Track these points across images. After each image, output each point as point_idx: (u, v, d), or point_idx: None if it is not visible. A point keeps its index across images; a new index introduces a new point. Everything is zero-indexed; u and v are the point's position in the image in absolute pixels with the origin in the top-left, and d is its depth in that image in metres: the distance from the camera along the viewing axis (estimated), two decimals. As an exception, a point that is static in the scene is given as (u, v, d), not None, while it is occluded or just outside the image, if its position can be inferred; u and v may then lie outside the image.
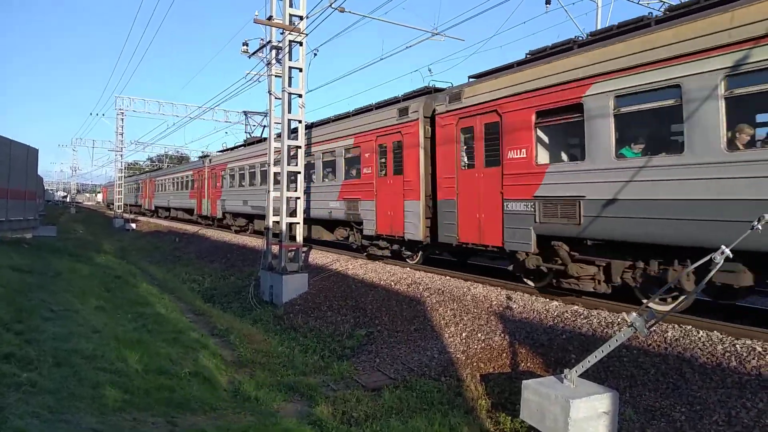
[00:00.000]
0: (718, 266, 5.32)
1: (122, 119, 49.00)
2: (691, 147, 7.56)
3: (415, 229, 13.24)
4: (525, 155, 10.13)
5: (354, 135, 16.00)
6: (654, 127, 9.29)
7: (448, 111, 12.22)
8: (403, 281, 12.77)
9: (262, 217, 16.87)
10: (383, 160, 14.69)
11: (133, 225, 44.84)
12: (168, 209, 46.56)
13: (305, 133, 15.92)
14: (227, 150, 31.47)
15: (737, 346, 6.67)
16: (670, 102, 7.87)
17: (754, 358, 6.33)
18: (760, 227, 5.32)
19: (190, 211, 37.59)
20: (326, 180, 17.84)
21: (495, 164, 10.85)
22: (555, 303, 9.53)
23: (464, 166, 11.85)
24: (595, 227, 8.83)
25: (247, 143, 27.84)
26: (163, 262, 25.95)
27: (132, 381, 5.92)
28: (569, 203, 9.20)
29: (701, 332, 7.25)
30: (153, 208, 52.26)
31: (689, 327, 7.49)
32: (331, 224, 18.50)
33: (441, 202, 12.43)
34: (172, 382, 6.37)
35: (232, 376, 7.88)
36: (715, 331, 7.25)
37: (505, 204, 10.52)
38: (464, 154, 11.89)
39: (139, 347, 7.31)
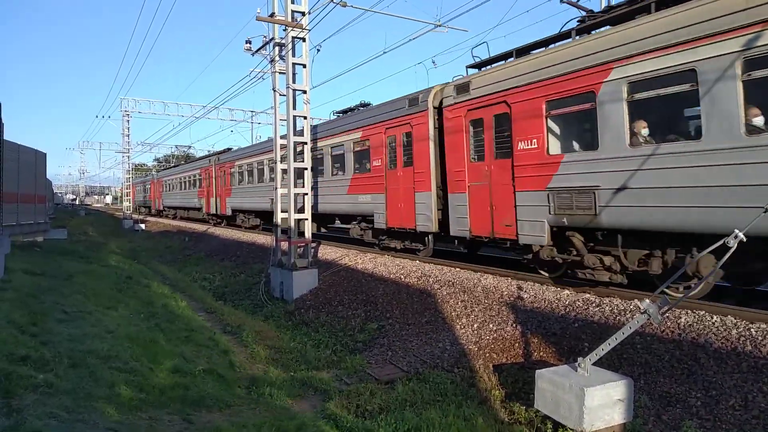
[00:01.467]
0: (731, 250, 5.28)
1: (128, 121, 49.22)
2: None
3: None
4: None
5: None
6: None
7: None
8: (412, 274, 12.77)
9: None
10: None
11: (143, 225, 45.09)
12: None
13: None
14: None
15: (752, 330, 6.61)
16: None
17: (769, 342, 6.28)
18: (774, 210, 5.28)
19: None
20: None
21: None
22: (566, 292, 9.49)
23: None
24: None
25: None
26: (173, 261, 26.09)
27: (147, 380, 5.97)
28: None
29: (715, 317, 7.19)
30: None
31: (702, 312, 7.43)
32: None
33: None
34: (186, 380, 6.41)
35: (246, 373, 7.92)
36: (729, 316, 7.19)
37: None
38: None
39: (153, 346, 7.37)
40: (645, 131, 8.55)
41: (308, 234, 15.61)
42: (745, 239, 5.27)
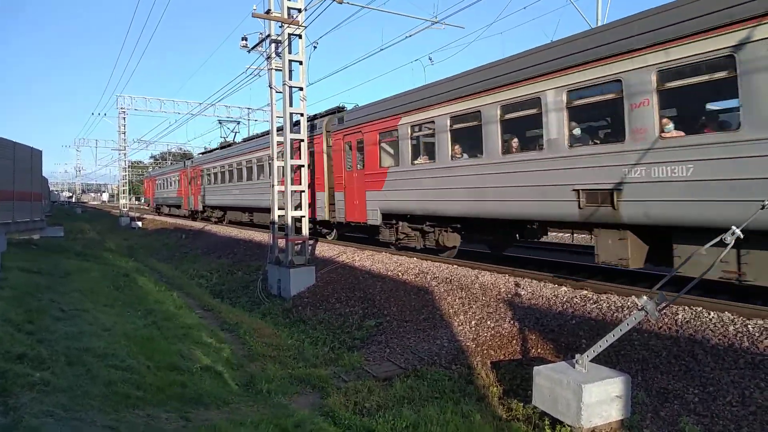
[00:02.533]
0: (728, 247, 5.29)
1: (124, 118, 49.09)
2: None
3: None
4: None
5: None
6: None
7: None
8: (410, 271, 12.77)
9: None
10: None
11: (139, 223, 45.00)
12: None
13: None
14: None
15: (749, 326, 6.63)
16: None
17: (766, 338, 6.29)
18: (770, 205, 5.29)
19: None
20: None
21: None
22: (564, 288, 9.50)
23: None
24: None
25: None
26: (170, 259, 26.04)
27: (144, 378, 5.95)
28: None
29: (712, 313, 7.21)
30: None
31: (700, 308, 7.44)
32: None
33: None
34: (183, 377, 6.40)
35: (244, 370, 7.91)
36: (726, 312, 7.20)
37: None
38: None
39: (150, 344, 7.35)
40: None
41: (305, 231, 15.59)
42: (742, 236, 5.29)
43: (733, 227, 5.27)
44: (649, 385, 6.33)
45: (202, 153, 41.46)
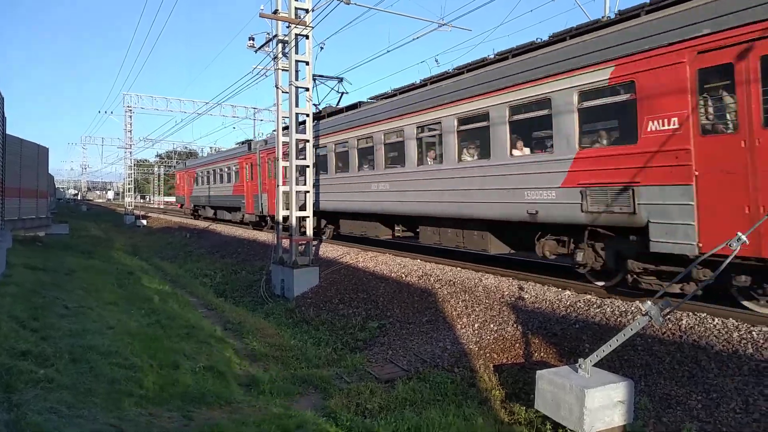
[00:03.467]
0: (734, 252, 5.28)
1: (130, 116, 49.26)
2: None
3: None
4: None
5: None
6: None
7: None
8: (413, 273, 12.76)
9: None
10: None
11: (144, 221, 45.16)
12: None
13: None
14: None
15: (753, 333, 6.59)
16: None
17: (771, 345, 6.26)
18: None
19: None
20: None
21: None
22: (567, 293, 9.48)
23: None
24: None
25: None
26: (174, 258, 26.10)
27: (147, 376, 5.97)
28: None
29: (716, 320, 7.18)
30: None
31: (704, 315, 7.41)
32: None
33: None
34: (186, 376, 6.41)
35: (246, 370, 7.93)
36: (731, 319, 7.17)
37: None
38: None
39: (154, 342, 7.37)
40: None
41: (309, 231, 15.61)
42: (747, 242, 5.28)
43: (739, 233, 5.26)
44: (652, 390, 6.31)
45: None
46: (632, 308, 8.07)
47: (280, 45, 15.48)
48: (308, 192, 15.61)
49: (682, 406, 5.91)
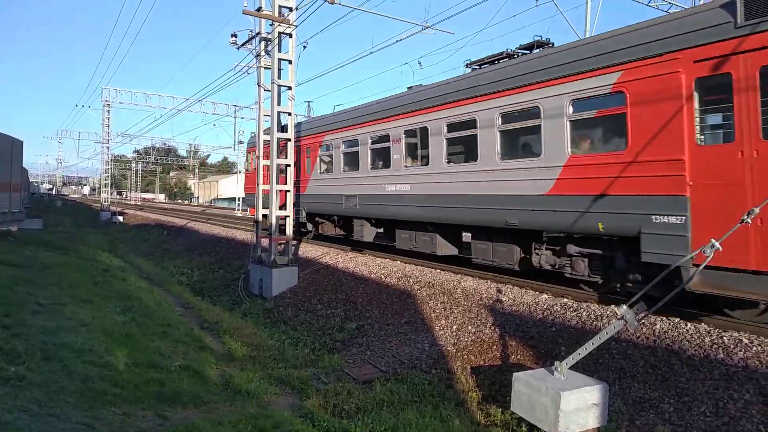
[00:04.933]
0: (708, 259, 5.39)
1: (108, 111, 48.44)
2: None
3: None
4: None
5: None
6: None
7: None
8: (393, 274, 12.78)
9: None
10: None
11: (120, 218, 44.44)
12: None
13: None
14: None
15: (725, 338, 6.74)
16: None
17: (741, 350, 6.41)
18: (749, 220, 5.41)
19: None
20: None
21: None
22: (544, 296, 9.59)
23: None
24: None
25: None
26: (151, 255, 25.74)
27: (121, 375, 5.88)
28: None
29: (689, 324, 7.32)
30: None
31: (677, 320, 7.56)
32: None
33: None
34: (162, 375, 6.33)
35: (223, 370, 7.85)
36: (703, 324, 7.32)
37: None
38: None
39: (129, 341, 7.26)
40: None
41: (289, 231, 15.53)
42: (720, 248, 5.39)
43: (712, 240, 5.38)
44: (626, 393, 6.42)
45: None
46: (608, 312, 8.20)
47: (262, 43, 15.38)
48: (289, 191, 15.53)
49: (654, 410, 6.02)
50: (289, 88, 15.24)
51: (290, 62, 15.16)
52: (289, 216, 15.49)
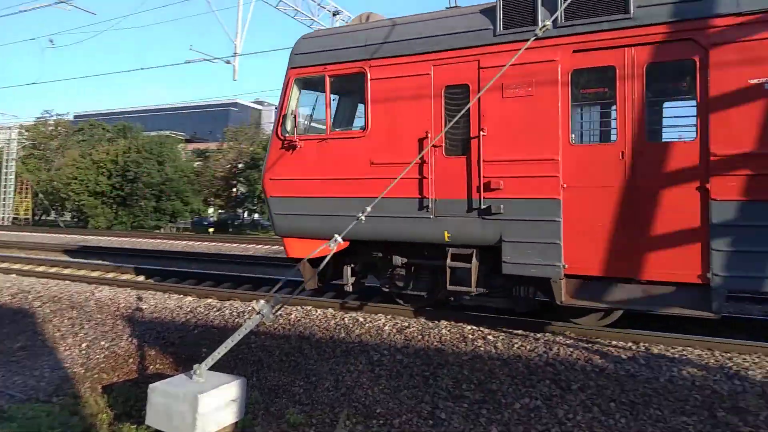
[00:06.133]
0: (331, 253, 5.99)
1: None
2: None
3: None
4: None
5: None
6: None
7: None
8: (4, 291, 10.57)
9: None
10: None
11: None
12: None
13: None
14: None
15: (345, 319, 7.71)
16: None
17: (357, 328, 7.43)
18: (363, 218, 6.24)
19: None
20: None
21: None
22: (189, 298, 9.35)
23: None
24: None
25: None
26: None
27: None
28: None
29: (319, 311, 8.13)
30: None
31: (309, 308, 8.31)
32: None
33: None
34: None
35: None
36: (330, 309, 8.22)
37: None
38: None
39: None
40: None
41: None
42: (342, 241, 6.07)
43: (336, 235, 6.02)
44: (263, 384, 6.68)
45: None
46: (249, 308, 8.45)
47: None
48: None
49: (287, 394, 6.42)
50: None
51: None
52: None
